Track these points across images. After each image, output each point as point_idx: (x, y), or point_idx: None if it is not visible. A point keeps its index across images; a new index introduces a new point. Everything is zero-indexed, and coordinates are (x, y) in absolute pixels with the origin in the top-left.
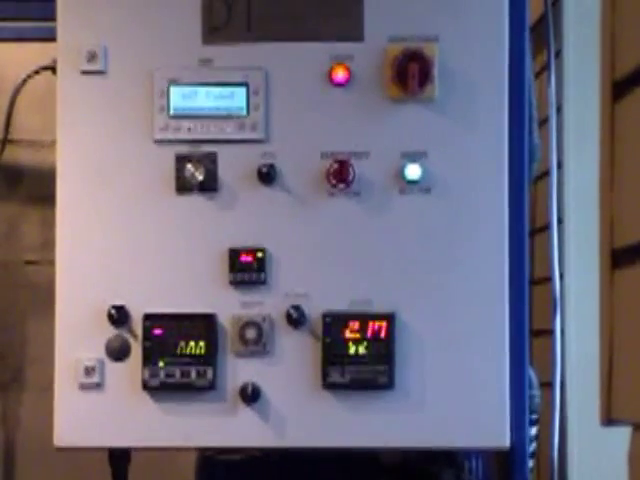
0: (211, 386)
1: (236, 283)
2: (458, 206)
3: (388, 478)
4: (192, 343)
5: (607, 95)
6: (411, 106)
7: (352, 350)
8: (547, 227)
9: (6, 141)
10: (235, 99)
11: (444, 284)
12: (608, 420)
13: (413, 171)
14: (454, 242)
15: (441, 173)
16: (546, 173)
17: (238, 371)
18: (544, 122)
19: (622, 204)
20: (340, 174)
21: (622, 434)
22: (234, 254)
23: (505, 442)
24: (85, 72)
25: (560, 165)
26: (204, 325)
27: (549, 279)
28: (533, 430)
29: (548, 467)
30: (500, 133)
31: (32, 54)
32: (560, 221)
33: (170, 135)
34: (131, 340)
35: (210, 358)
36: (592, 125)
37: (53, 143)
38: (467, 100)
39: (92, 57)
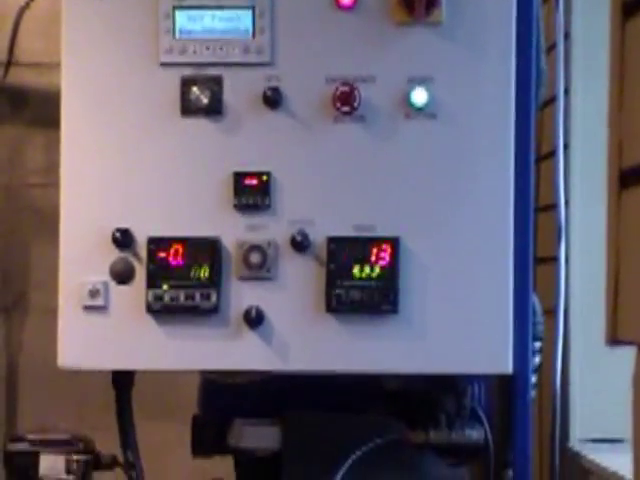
0: (215, 310)
1: (241, 207)
2: (464, 132)
3: (389, 403)
4: (196, 267)
5: (617, 13)
6: (418, 30)
7: (356, 275)
8: (553, 153)
9: (10, 63)
10: (241, 22)
11: (448, 211)
12: (613, 340)
13: (419, 96)
14: (459, 168)
15: (447, 99)
16: (553, 99)
17: (242, 295)
18: (551, 48)
19: (631, 124)
20: (346, 99)
21: (624, 362)
22: (239, 178)
23: (508, 368)
24: None
25: (567, 91)
26: (208, 249)
27: (554, 206)
28: (536, 357)
29: (550, 393)
30: (507, 58)
31: None
32: (566, 147)
33: (175, 58)
34: (135, 263)
35: (214, 282)
36: (600, 51)
37: (58, 66)
38: (474, 25)
39: None
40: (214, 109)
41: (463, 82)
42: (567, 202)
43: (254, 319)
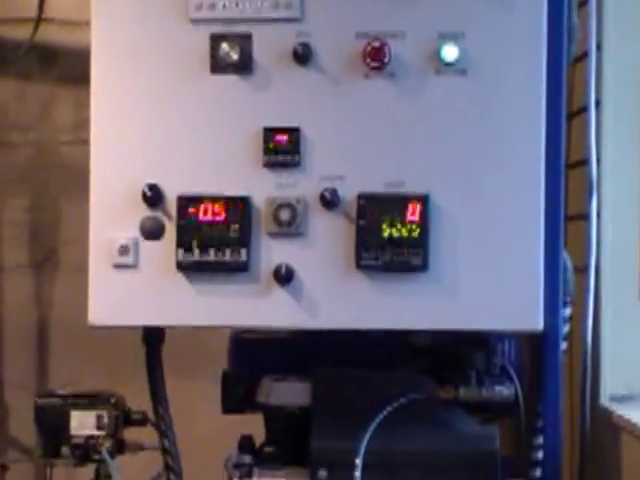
0: (245, 267)
1: (270, 164)
2: (494, 88)
3: (419, 360)
4: (226, 224)
5: None
6: None
7: (386, 232)
8: (584, 110)
9: (40, 20)
10: None
11: (479, 167)
12: None
13: (450, 52)
14: (489, 125)
15: (478, 54)
16: (584, 55)
17: (272, 252)
18: (583, 4)
19: None
20: (376, 54)
21: None
22: (268, 134)
23: (538, 325)
24: None
25: (599, 47)
26: (238, 206)
27: (585, 163)
28: (567, 313)
29: (581, 351)
30: (539, 13)
31: None
32: (598, 104)
33: (205, 14)
34: (165, 220)
35: (244, 239)
36: (633, 6)
37: (87, 23)
38: None
39: None
40: (244, 65)
41: (494, 38)
42: (598, 159)
43: (284, 276)
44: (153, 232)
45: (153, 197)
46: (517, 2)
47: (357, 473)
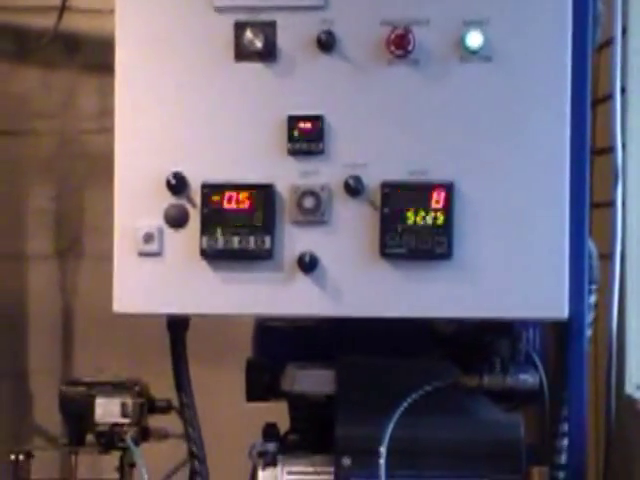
0: (269, 254)
1: (294, 152)
2: (519, 75)
3: (443, 348)
4: (250, 212)
5: None
6: None
7: (410, 220)
8: (610, 96)
9: (64, 8)
10: None
11: (503, 154)
12: None
13: (474, 39)
14: (514, 112)
15: (502, 41)
16: (610, 41)
17: (296, 240)
18: None
19: None
20: (400, 42)
21: None
22: (293, 122)
23: (563, 312)
24: None
25: (624, 33)
26: (262, 194)
27: (611, 149)
28: (592, 301)
29: (606, 339)
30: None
31: None
32: (623, 91)
33: (229, 2)
34: (189, 208)
35: (268, 227)
36: None
37: (111, 11)
38: None
39: None
40: (268, 53)
41: (518, 24)
42: (624, 145)
43: (308, 264)
44: (177, 220)
45: (177, 185)
46: None
47: (381, 460)
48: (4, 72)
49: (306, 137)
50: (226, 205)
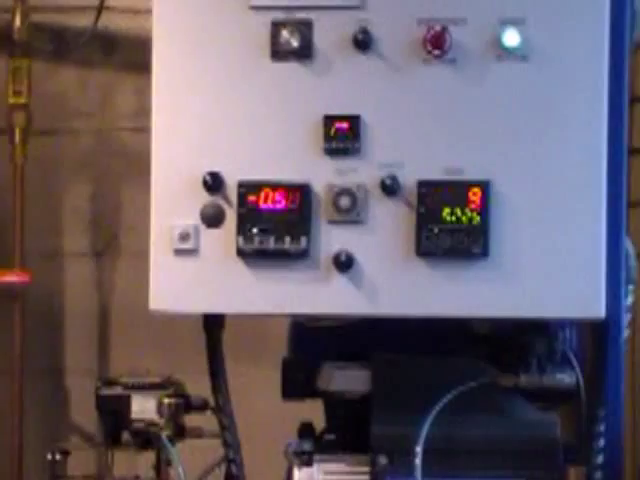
0: (305, 253)
1: (330, 151)
2: (556, 74)
3: (479, 347)
4: (286, 211)
5: None
6: None
7: (446, 218)
8: None
9: (102, 8)
10: None
11: (540, 154)
12: None
13: (511, 38)
14: (551, 111)
15: (539, 40)
16: None
17: (332, 239)
18: None
19: None
20: (436, 41)
21: None
22: (329, 121)
23: (600, 312)
24: None
25: None
26: (298, 193)
27: None
28: (629, 301)
29: None
30: None
31: None
32: None
33: (265, 1)
34: (226, 207)
35: (304, 226)
36: None
37: (148, 10)
38: None
39: None
40: (304, 53)
41: (555, 23)
42: None
43: (344, 263)
44: (214, 219)
45: (214, 184)
46: None
47: (417, 460)
48: (42, 71)
49: (342, 136)
50: (262, 204)
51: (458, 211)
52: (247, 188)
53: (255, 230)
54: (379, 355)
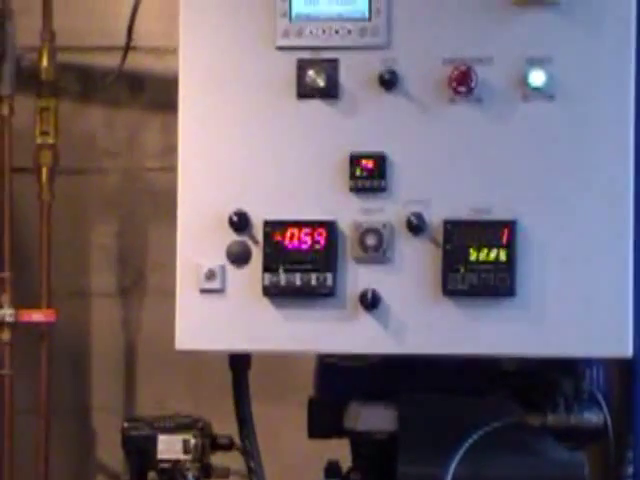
0: (331, 292)
1: (357, 190)
2: (583, 113)
3: (506, 386)
4: (312, 249)
5: None
6: (535, 10)
7: (473, 257)
8: None
9: (129, 48)
10: (357, 4)
11: (566, 193)
12: None
13: (537, 77)
14: (578, 150)
15: (566, 79)
16: None
17: (358, 277)
18: None
19: None
20: (462, 80)
21: None
22: (355, 160)
23: (627, 351)
24: None
25: None
26: (324, 231)
27: None
28: None
29: None
30: (627, 35)
31: None
32: None
33: (292, 41)
34: (252, 246)
35: (330, 264)
36: None
37: (175, 50)
38: (592, 3)
39: None
40: (330, 92)
41: (582, 62)
42: None
43: (370, 301)
44: (240, 257)
45: (240, 222)
46: (605, 25)
47: None
48: (69, 111)
49: (368, 175)
50: (288, 242)
51: (485, 249)
52: (273, 226)
53: (281, 269)
54: (406, 394)
